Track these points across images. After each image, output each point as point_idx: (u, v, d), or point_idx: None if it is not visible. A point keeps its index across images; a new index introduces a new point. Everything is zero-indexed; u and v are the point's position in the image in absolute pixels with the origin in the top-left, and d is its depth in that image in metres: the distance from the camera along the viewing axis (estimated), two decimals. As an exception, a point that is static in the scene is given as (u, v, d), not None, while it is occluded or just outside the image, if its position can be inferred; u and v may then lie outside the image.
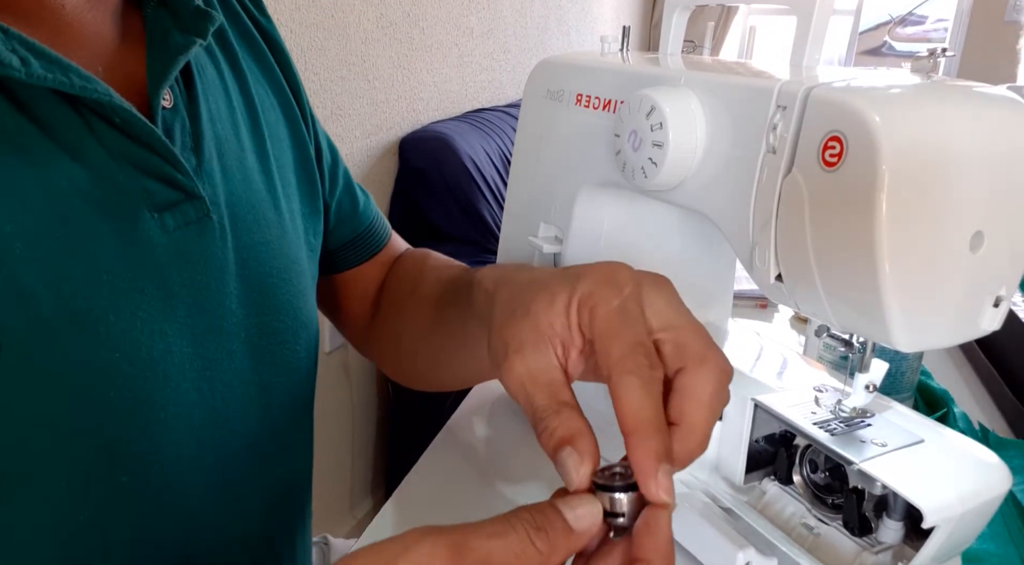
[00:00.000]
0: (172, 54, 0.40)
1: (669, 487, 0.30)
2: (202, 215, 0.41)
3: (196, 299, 0.41)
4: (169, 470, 0.40)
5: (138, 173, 0.38)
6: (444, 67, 1.79)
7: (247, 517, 0.47)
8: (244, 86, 0.49)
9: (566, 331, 0.34)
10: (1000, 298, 0.39)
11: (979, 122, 0.37)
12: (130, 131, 0.37)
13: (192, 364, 0.41)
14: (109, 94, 0.35)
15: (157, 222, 0.38)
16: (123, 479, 0.38)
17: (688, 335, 0.34)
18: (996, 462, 0.45)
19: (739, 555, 0.45)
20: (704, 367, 0.33)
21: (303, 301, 0.50)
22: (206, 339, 0.42)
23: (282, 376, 0.48)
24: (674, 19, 0.58)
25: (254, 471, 0.47)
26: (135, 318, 0.37)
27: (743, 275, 0.59)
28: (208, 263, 0.41)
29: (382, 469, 1.75)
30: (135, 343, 0.37)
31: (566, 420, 0.32)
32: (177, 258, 0.40)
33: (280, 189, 0.49)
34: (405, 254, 0.65)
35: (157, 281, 0.39)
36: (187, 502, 0.42)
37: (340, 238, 0.59)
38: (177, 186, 0.39)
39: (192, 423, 0.41)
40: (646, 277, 0.36)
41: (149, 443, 0.39)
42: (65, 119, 0.35)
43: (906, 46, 3.95)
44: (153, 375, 0.38)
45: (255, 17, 0.53)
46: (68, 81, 0.34)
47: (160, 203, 0.39)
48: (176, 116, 0.41)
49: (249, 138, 0.48)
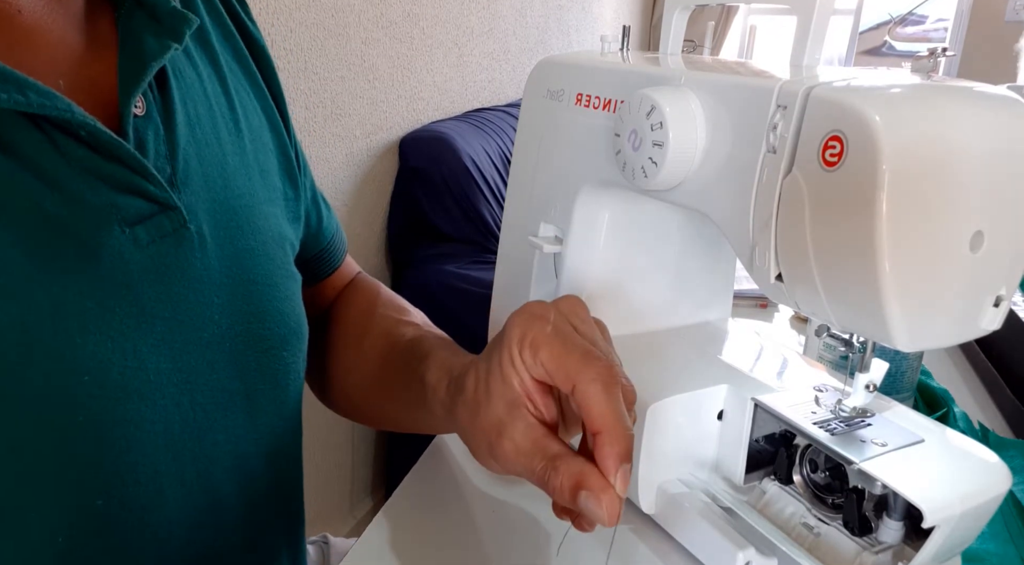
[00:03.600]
0: (145, 60, 0.39)
1: (626, 484, 0.34)
2: (178, 226, 0.40)
3: (175, 313, 0.40)
4: (146, 489, 0.39)
5: (107, 188, 0.36)
6: (444, 67, 1.79)
7: (233, 528, 0.46)
8: (226, 89, 0.48)
9: (523, 385, 0.37)
10: (1000, 298, 0.39)
11: (979, 122, 0.37)
12: (97, 145, 0.36)
13: (170, 379, 0.40)
14: (70, 109, 0.34)
15: (129, 237, 0.37)
16: (98, 503, 0.37)
17: (566, 359, 0.36)
18: (996, 462, 0.45)
19: (739, 555, 0.45)
20: (586, 378, 0.35)
21: (290, 306, 0.49)
22: (185, 353, 0.41)
23: (268, 384, 0.47)
24: (674, 19, 0.58)
25: (240, 482, 0.46)
26: (104, 339, 0.36)
27: (743, 275, 0.59)
28: (187, 275, 0.40)
29: (382, 469, 1.75)
30: (105, 364, 0.36)
31: (564, 470, 0.35)
32: (152, 273, 0.39)
33: (263, 193, 0.48)
34: (356, 286, 0.63)
35: (129, 298, 0.37)
36: (166, 518, 0.41)
37: (303, 253, 0.57)
38: (150, 198, 0.38)
39: (171, 438, 0.40)
40: (559, 302, 0.40)
41: (123, 463, 0.38)
42: (27, 137, 0.34)
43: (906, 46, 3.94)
44: (125, 395, 0.37)
45: (240, 20, 0.51)
46: (25, 99, 0.32)
47: (132, 217, 0.37)
48: (149, 124, 0.39)
49: (231, 142, 0.46)
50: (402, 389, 0.51)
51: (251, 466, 0.47)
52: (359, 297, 0.62)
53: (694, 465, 0.54)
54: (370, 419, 0.60)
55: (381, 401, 0.55)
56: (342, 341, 0.59)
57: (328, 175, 1.42)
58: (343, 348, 0.59)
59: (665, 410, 0.50)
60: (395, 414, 0.55)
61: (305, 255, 0.58)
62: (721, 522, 0.48)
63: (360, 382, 0.57)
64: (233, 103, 0.48)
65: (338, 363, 0.59)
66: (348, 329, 0.60)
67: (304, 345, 0.52)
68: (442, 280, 1.52)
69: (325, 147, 1.40)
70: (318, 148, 1.38)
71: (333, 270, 0.62)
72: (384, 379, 0.54)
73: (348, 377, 0.58)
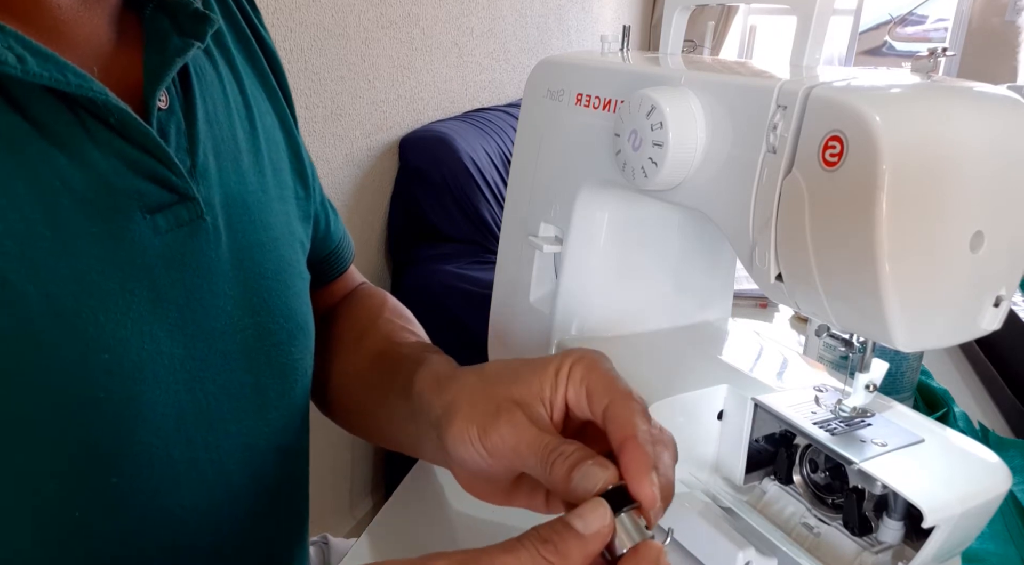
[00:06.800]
0: (170, 56, 0.40)
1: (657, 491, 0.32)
2: (195, 217, 0.41)
3: (188, 301, 0.41)
4: (160, 472, 0.40)
5: (131, 174, 0.37)
6: (444, 67, 1.79)
7: (241, 519, 0.47)
8: (242, 89, 0.49)
9: (554, 394, 0.38)
10: (1000, 298, 0.39)
11: (979, 122, 0.37)
12: (125, 131, 0.37)
13: (183, 365, 0.41)
14: (105, 93, 0.35)
15: (149, 223, 0.38)
16: (113, 480, 0.38)
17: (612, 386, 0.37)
18: (996, 462, 0.45)
19: (739, 555, 0.45)
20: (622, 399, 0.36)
21: (298, 303, 0.50)
22: (198, 340, 0.41)
23: (277, 378, 0.48)
24: (674, 19, 0.58)
25: (249, 473, 0.46)
26: (125, 319, 0.37)
27: (743, 275, 0.59)
28: (201, 265, 0.41)
29: (382, 469, 1.75)
30: (124, 344, 0.37)
31: (578, 448, 0.34)
32: (168, 260, 0.39)
33: (275, 191, 0.49)
34: (363, 293, 0.63)
35: (147, 282, 0.38)
36: (179, 504, 0.42)
37: (310, 257, 0.57)
38: (170, 187, 0.39)
39: (184, 425, 0.41)
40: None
41: (139, 444, 0.39)
42: (60, 118, 0.35)
43: (906, 46, 3.95)
44: (142, 376, 0.38)
45: (252, 21, 0.53)
46: (64, 79, 0.34)
47: (152, 204, 0.38)
48: (172, 117, 0.41)
49: (246, 140, 0.47)
50: (389, 390, 0.51)
51: (261, 459, 0.47)
52: (366, 301, 0.62)
53: (694, 465, 0.54)
54: (362, 427, 0.59)
55: (373, 406, 0.54)
56: (342, 342, 0.60)
57: (328, 175, 1.42)
58: (342, 350, 0.59)
59: (665, 410, 0.50)
60: (384, 418, 0.54)
61: (313, 258, 0.58)
62: (721, 522, 0.48)
63: (353, 384, 0.57)
64: (249, 103, 0.49)
65: (335, 364, 0.59)
66: (350, 331, 0.60)
67: (311, 342, 0.52)
68: (442, 280, 1.52)
69: (325, 147, 1.40)
70: (318, 148, 1.38)
71: (338, 275, 0.63)
72: (374, 381, 0.54)
73: (343, 379, 0.58)
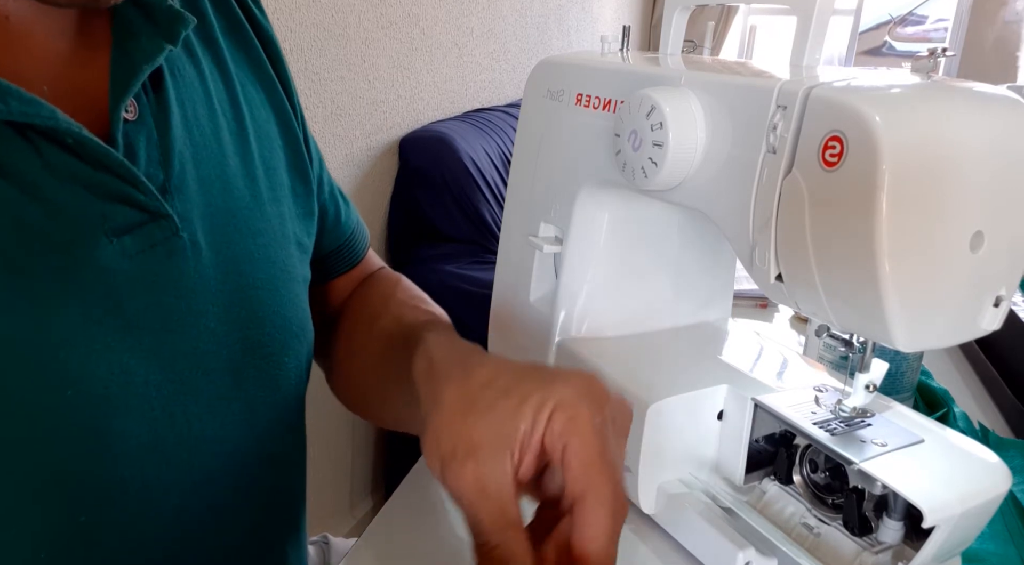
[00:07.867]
0: (137, 63, 0.38)
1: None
2: (169, 235, 0.39)
3: (164, 323, 0.39)
4: (136, 499, 0.39)
5: (93, 198, 0.35)
6: (444, 67, 1.79)
7: (233, 536, 0.46)
8: (229, 85, 0.46)
9: (528, 436, 0.33)
10: (1000, 298, 0.39)
11: (979, 122, 0.37)
12: (83, 153, 0.35)
13: (160, 391, 0.39)
14: (54, 116, 0.33)
15: (116, 247, 0.36)
16: (81, 519, 0.36)
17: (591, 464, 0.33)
18: (996, 462, 0.45)
19: (739, 555, 0.45)
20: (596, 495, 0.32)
21: (293, 308, 0.48)
22: (177, 363, 0.40)
23: (268, 390, 0.46)
24: (674, 19, 0.58)
25: (240, 490, 0.45)
26: (90, 352, 0.35)
27: (743, 275, 0.59)
28: (178, 284, 0.39)
29: (382, 469, 1.75)
30: (90, 378, 0.35)
31: (508, 542, 0.32)
32: (140, 283, 0.37)
33: (267, 192, 0.47)
34: (378, 275, 0.62)
35: (114, 310, 0.36)
36: (163, 526, 0.40)
37: (321, 249, 0.56)
38: (139, 206, 0.37)
39: (164, 450, 0.40)
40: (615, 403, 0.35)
41: (111, 477, 0.37)
42: (10, 147, 0.33)
43: (906, 46, 3.95)
44: (112, 409, 0.37)
45: (248, 8, 0.50)
46: (6, 107, 0.32)
47: (119, 227, 0.36)
48: (141, 128, 0.38)
49: (232, 141, 0.45)
50: (396, 375, 0.49)
51: (251, 473, 0.46)
52: (381, 284, 0.61)
53: (694, 465, 0.54)
54: (372, 410, 0.58)
55: (382, 386, 0.53)
56: (355, 323, 0.58)
57: (328, 175, 1.42)
58: (355, 330, 0.58)
59: (665, 410, 0.50)
60: (393, 399, 0.52)
61: (324, 250, 0.57)
62: (721, 522, 0.48)
63: (364, 364, 0.55)
64: (237, 99, 0.47)
65: (349, 345, 0.58)
66: (363, 311, 0.58)
67: (306, 348, 0.51)
68: (442, 280, 1.52)
69: (325, 147, 1.40)
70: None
71: (354, 265, 0.61)
72: (384, 358, 0.52)
73: (354, 360, 0.57)
